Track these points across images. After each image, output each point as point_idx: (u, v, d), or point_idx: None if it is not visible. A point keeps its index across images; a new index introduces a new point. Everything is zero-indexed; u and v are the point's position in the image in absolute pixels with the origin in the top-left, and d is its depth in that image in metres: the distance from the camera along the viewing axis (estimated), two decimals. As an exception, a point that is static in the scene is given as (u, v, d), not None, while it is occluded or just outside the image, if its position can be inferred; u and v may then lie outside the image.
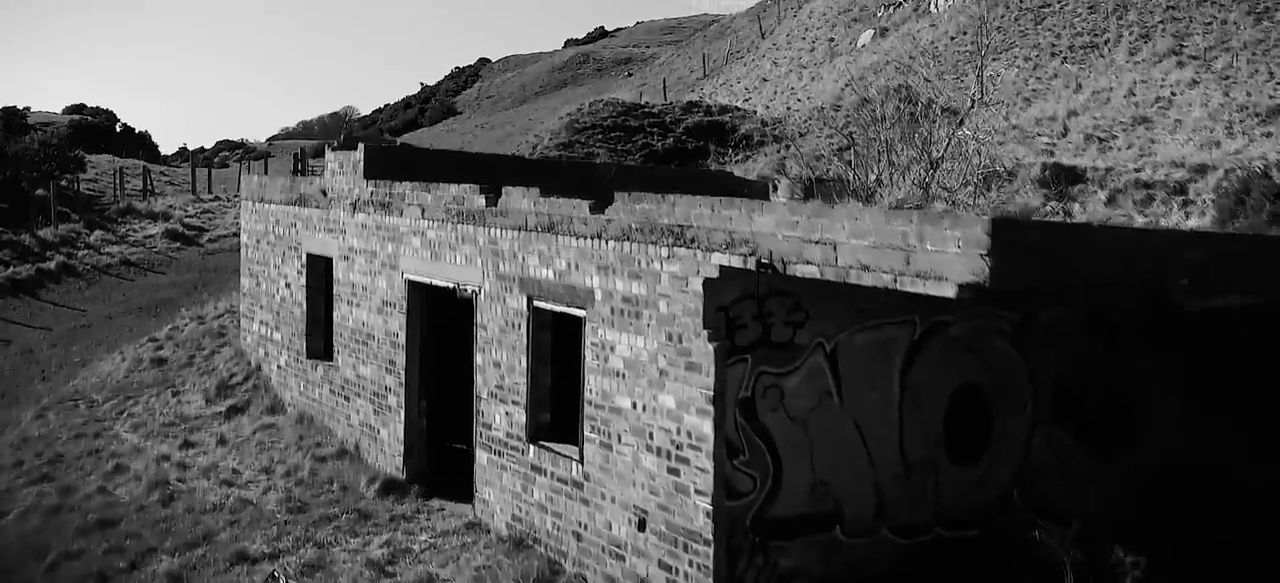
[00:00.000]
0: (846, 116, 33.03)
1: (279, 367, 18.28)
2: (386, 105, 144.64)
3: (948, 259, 7.68)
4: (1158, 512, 11.51)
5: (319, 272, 17.25)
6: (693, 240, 9.83)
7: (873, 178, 17.29)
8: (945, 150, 16.86)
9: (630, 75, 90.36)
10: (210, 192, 37.14)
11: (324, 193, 16.69)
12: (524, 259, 12.12)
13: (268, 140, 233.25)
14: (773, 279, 9.46)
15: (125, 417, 17.89)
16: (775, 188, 18.05)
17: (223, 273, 27.39)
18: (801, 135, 35.28)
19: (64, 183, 33.46)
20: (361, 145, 15.68)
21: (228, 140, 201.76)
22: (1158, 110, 26.68)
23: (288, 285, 18.02)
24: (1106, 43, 32.26)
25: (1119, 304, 9.34)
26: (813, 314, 10.23)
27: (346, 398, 15.97)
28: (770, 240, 9.08)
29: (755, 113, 41.44)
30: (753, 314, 10.06)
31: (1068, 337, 11.41)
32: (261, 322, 19.07)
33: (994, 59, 35.42)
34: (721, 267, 9.56)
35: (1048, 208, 19.74)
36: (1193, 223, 17.92)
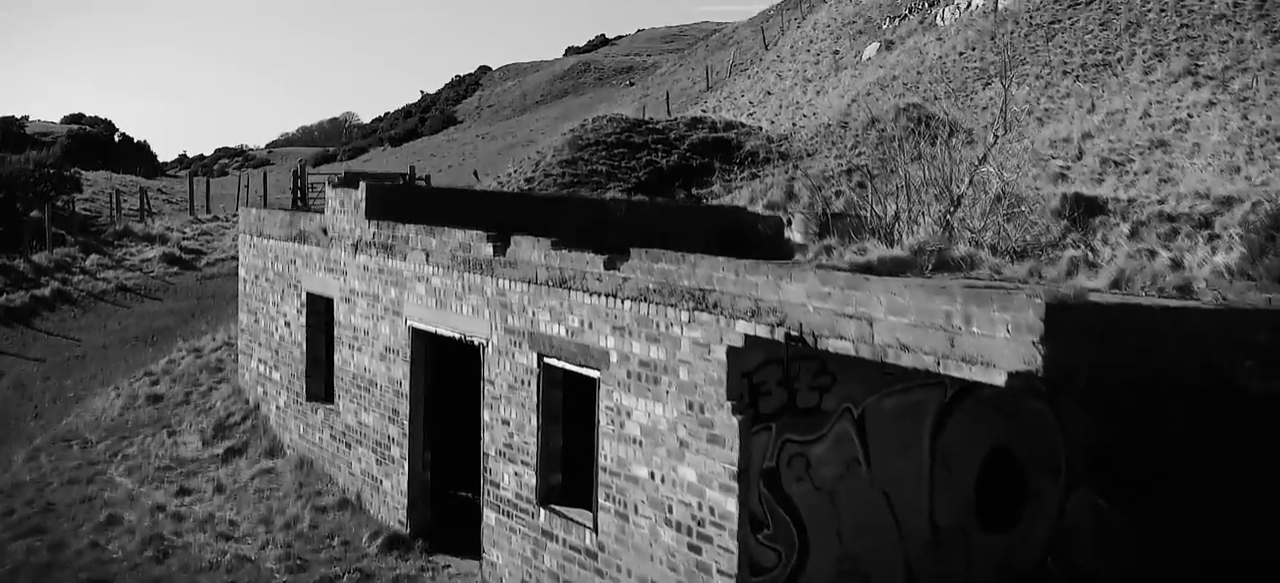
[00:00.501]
0: (855, 137, 32.50)
1: (278, 407, 17.74)
2: (386, 113, 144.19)
3: (996, 344, 7.14)
4: (1195, 579, 11.00)
5: (319, 311, 16.72)
6: (715, 306, 9.29)
7: (891, 213, 16.76)
8: (966, 185, 16.31)
9: (632, 84, 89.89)
10: (208, 211, 36.61)
11: (324, 231, 16.16)
12: (534, 314, 11.59)
13: (267, 147, 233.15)
14: (801, 349, 8.93)
15: (120, 459, 17.35)
16: (789, 222, 17.52)
17: (220, 299, 26.86)
18: (810, 156, 34.75)
19: (60, 203, 32.93)
20: (363, 184, 15.14)
21: (227, 148, 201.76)
22: (1175, 133, 26.15)
23: (287, 324, 17.49)
24: (1120, 61, 31.72)
25: (1178, 384, 8.82)
26: (840, 377, 9.71)
27: (348, 445, 15.43)
28: (800, 311, 8.54)
29: (760, 129, 40.93)
30: (777, 380, 9.53)
31: (1106, 400, 10.88)
32: (260, 360, 18.53)
33: (1002, 78, 34.91)
34: (747, 335, 9.03)
35: (1069, 240, 19.21)
36: (1220, 258, 17.37)
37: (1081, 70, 32.45)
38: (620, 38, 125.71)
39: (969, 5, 47.99)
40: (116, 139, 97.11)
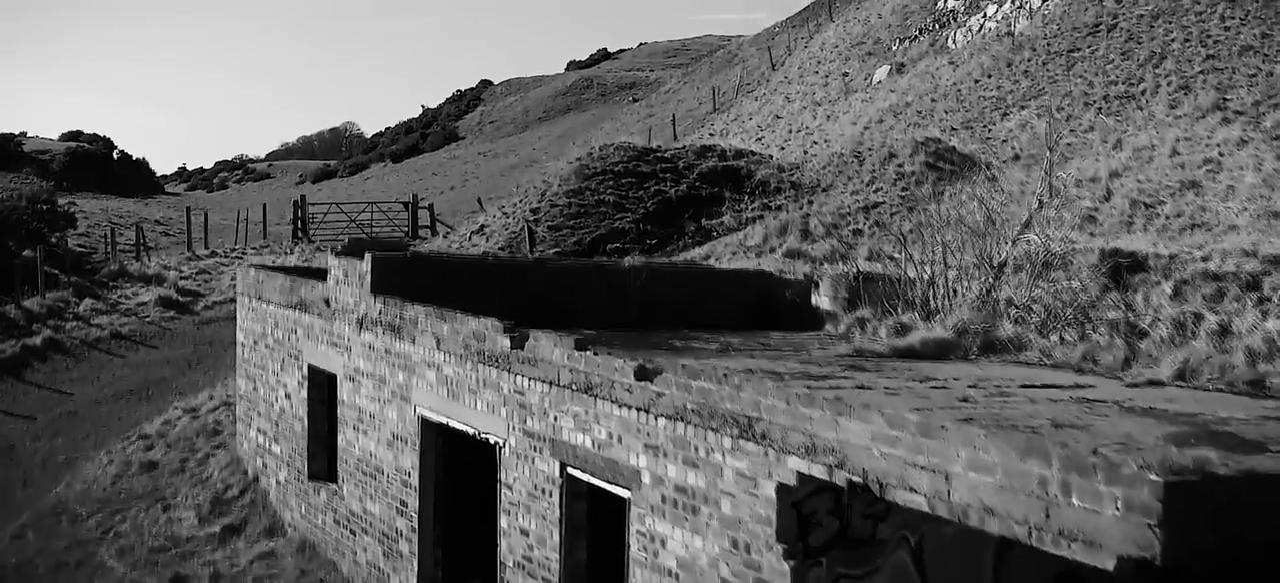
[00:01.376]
0: (872, 172, 31.58)
1: (278, 482, 16.82)
2: (387, 129, 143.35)
3: (1103, 522, 6.22)
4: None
5: (321, 385, 15.80)
6: (764, 436, 8.37)
7: (926, 277, 15.83)
8: (1009, 250, 15.39)
9: (635, 101, 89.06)
10: (206, 246, 35.69)
11: (327, 302, 15.25)
12: (556, 419, 10.66)
13: (267, 158, 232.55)
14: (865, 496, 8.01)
15: (112, 537, 16.42)
16: (816, 285, 16.58)
17: (217, 346, 25.94)
18: (824, 190, 33.82)
19: (54, 241, 32.03)
20: (369, 257, 14.22)
21: (226, 161, 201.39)
22: (1207, 173, 25.23)
23: (287, 396, 16.56)
24: (1144, 93, 30.84)
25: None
26: (896, 504, 8.79)
27: (352, 532, 14.50)
28: (863, 454, 7.62)
29: (771, 158, 40.02)
30: (829, 508, 8.63)
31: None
32: (259, 430, 17.60)
33: (1022, 108, 34.06)
34: (800, 473, 8.11)
35: (1107, 300, 18.27)
36: (1271, 324, 16.44)
37: (1104, 102, 31.57)
38: (622, 51, 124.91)
39: (981, 28, 47.17)
40: (115, 156, 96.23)
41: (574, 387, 10.39)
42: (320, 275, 17.18)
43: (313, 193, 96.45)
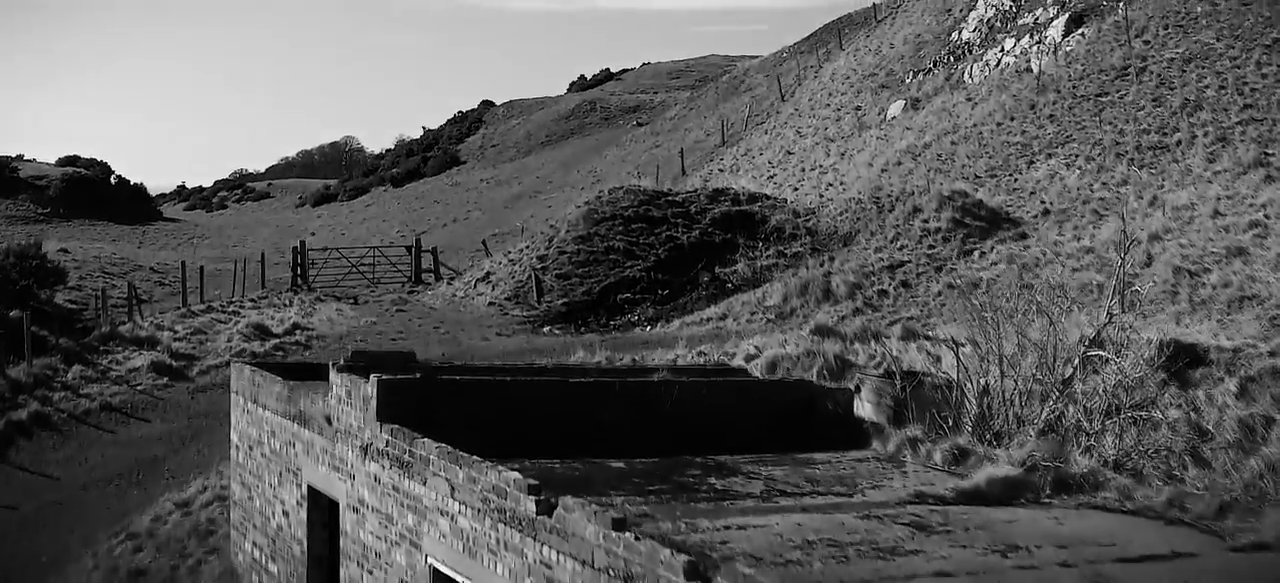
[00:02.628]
0: (896, 227, 30.28)
1: (275, 605, 15.51)
2: (387, 151, 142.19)
3: None
4: None
5: (323, 507, 14.50)
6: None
7: (977, 384, 14.53)
8: (1076, 369, 14.10)
9: (640, 125, 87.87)
10: (202, 299, 34.40)
11: (328, 420, 13.95)
12: (591, 606, 9.35)
13: (267, 173, 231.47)
14: None
15: (94, 666, 15.11)
16: (858, 389, 15.30)
17: (212, 419, 24.64)
18: (844, 242, 32.52)
19: (43, 296, 30.78)
20: (375, 380, 12.90)
21: (225, 179, 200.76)
22: (1253, 238, 23.99)
23: (285, 513, 15.27)
24: (1178, 144, 29.59)
25: None
26: None
27: (356, 679, 13.19)
28: None
29: (785, 202, 38.75)
30: None
31: None
32: (255, 544, 16.30)
33: (1049, 155, 32.81)
34: None
35: (1167, 398, 16.96)
36: (1352, 433, 15.14)
37: (1136, 153, 30.32)
38: (625, 71, 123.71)
39: (998, 64, 45.95)
40: (112, 180, 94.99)
41: (611, 572, 9.09)
42: (320, 374, 15.94)
43: (312, 219, 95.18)
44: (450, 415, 13.10)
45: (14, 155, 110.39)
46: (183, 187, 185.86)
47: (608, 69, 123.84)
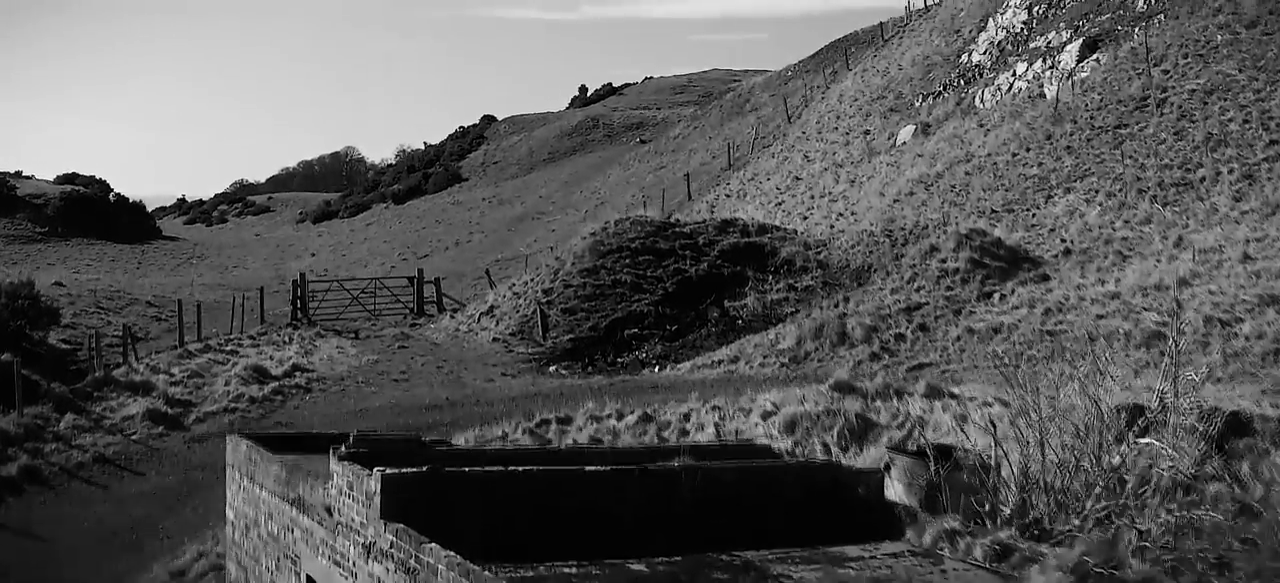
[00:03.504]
0: (913, 267, 29.45)
1: (272, 698, 14.66)
2: (388, 166, 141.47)
3: None
4: None
5: (322, 600, 13.65)
6: None
7: (1016, 464, 13.71)
8: (1127, 459, 13.25)
9: (644, 142, 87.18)
10: (199, 336, 33.57)
11: (329, 511, 13.12)
12: None
13: (267, 183, 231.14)
14: None
15: None
16: (888, 467, 14.46)
17: (209, 472, 23.75)
18: (859, 283, 31.68)
19: (36, 337, 29.96)
20: (379, 475, 12.07)
21: (224, 193, 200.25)
22: (1288, 285, 23.15)
23: (283, 602, 14.42)
24: (1202, 181, 28.79)
25: None
26: None
27: None
28: None
29: (796, 234, 37.95)
30: None
31: None
32: (251, 629, 15.46)
33: (1067, 190, 32.01)
34: None
35: (1209, 468, 16.12)
36: None
37: (1158, 189, 29.50)
38: (628, 85, 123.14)
39: (1010, 88, 45.17)
40: (111, 198, 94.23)
41: None
42: (320, 445, 15.12)
43: (312, 237, 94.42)
44: (459, 511, 12.27)
45: (13, 172, 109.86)
46: (183, 200, 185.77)
47: (610, 84, 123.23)
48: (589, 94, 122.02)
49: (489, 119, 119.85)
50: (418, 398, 28.31)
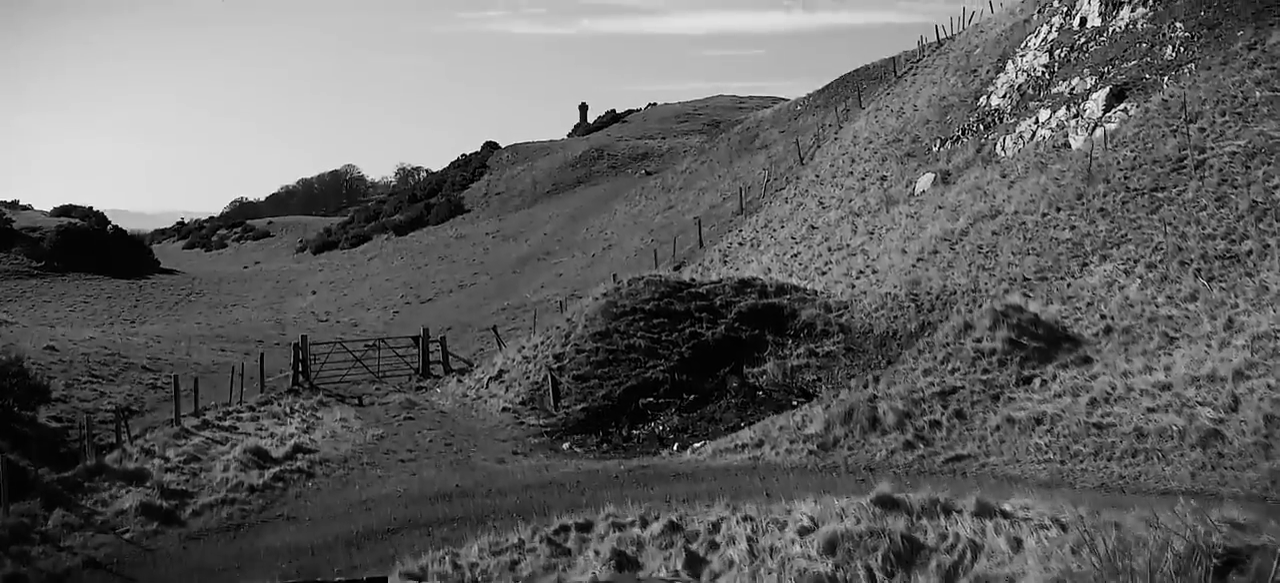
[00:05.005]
0: (948, 348, 28.02)
1: None
2: (391, 191, 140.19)
3: None
4: None
5: None
6: None
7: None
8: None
9: (649, 174, 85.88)
10: (196, 409, 32.12)
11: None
12: None
13: (268, 205, 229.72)
14: None
15: None
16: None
17: (204, 575, 22.36)
18: (884, 351, 30.30)
19: (25, 415, 28.55)
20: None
21: (225, 217, 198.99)
22: (1352, 380, 21.75)
23: None
24: (1250, 254, 27.38)
25: None
26: None
27: None
28: None
29: (815, 295, 36.58)
30: None
31: None
32: None
33: (1104, 257, 30.62)
34: None
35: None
36: None
37: (1202, 262, 28.07)
38: (631, 112, 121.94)
39: (1033, 137, 43.85)
40: (108, 230, 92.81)
41: None
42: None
43: (313, 271, 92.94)
44: None
45: (9, 201, 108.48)
46: (182, 224, 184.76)
47: (613, 111, 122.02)
48: (592, 122, 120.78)
49: (491, 146, 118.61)
50: (426, 485, 26.85)
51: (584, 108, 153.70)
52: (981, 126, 48.37)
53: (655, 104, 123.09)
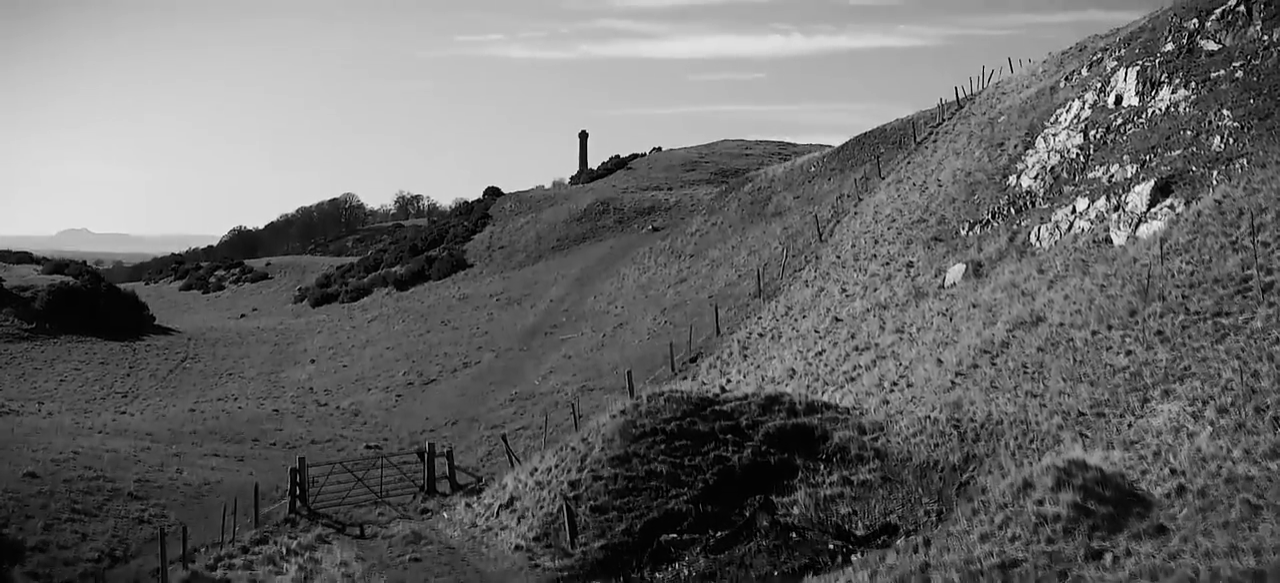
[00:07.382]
0: (1006, 512, 25.63)
1: None
2: (392, 231, 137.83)
3: None
4: None
5: None
6: None
7: None
8: None
9: (656, 230, 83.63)
10: (184, 558, 29.73)
11: None
12: None
13: (266, 237, 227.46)
14: None
15: None
16: None
17: None
18: (922, 477, 27.93)
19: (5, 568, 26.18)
20: None
21: (224, 247, 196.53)
22: None
23: None
24: (1333, 402, 25.01)
25: None
26: None
27: None
28: None
29: (847, 414, 34.26)
30: None
31: None
32: None
33: (1167, 393, 28.25)
34: None
35: None
36: None
37: (1278, 405, 25.70)
38: (636, 157, 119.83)
39: (1070, 228, 41.58)
40: (102, 289, 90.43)
41: None
42: None
43: (312, 329, 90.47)
44: None
45: (8, 241, 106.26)
46: (180, 261, 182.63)
47: (617, 156, 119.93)
48: (595, 168, 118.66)
49: (494, 193, 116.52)
50: (435, 660, 24.55)
51: (584, 136, 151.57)
52: (1013, 210, 46.12)
53: (660, 149, 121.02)
